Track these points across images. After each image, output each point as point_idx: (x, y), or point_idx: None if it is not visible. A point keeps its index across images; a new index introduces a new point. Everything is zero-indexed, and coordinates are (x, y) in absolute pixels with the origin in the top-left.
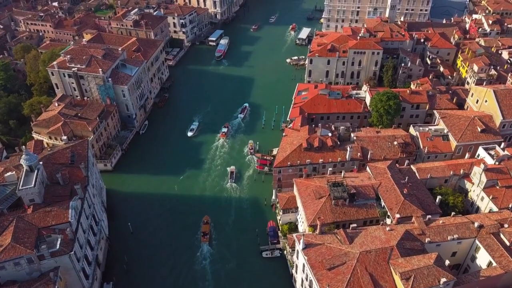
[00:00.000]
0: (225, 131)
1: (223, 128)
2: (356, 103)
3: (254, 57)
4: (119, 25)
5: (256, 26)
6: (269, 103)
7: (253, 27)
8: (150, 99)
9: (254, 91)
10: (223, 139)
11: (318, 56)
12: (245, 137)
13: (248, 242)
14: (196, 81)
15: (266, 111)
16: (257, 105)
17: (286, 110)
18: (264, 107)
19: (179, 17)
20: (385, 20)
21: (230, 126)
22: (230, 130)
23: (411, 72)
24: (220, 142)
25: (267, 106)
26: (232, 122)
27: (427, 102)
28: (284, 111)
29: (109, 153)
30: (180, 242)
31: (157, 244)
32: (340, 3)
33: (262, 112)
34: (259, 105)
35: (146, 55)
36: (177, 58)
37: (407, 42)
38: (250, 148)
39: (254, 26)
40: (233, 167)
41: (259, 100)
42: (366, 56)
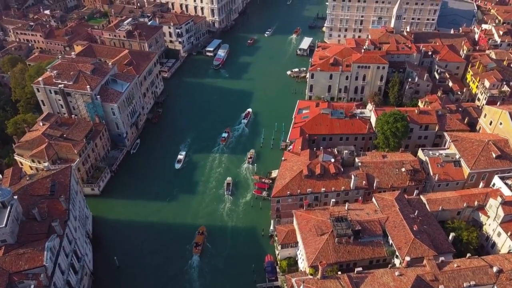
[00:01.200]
0: (226, 136)
1: (223, 133)
2: (361, 124)
3: (254, 68)
4: (111, 36)
5: (252, 41)
6: (268, 119)
7: (249, 41)
8: (143, 115)
9: (252, 106)
10: (223, 144)
11: (320, 70)
12: (248, 143)
13: (242, 275)
14: (192, 94)
15: (265, 128)
16: (255, 122)
17: (286, 127)
18: (262, 123)
19: (175, 26)
20: (391, 31)
21: (233, 131)
22: (230, 136)
23: (419, 87)
24: (220, 149)
25: (266, 123)
26: (235, 128)
27: (437, 123)
28: (283, 128)
29: (96, 176)
30: (170, 271)
31: (145, 276)
32: (343, 12)
33: (260, 130)
34: (257, 122)
35: (139, 69)
36: (173, 69)
37: (414, 55)
38: (249, 157)
39: (250, 41)
40: (230, 178)
41: (258, 116)
42: (370, 70)
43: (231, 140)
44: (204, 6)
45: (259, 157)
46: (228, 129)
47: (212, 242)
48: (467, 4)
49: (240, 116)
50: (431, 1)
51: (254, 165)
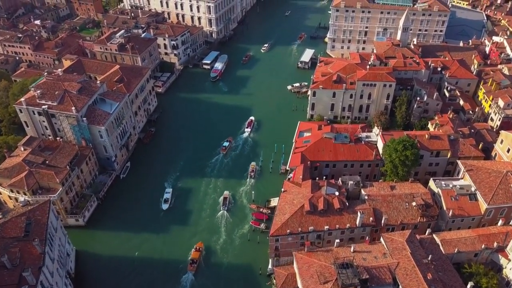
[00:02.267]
0: (227, 145)
1: (224, 142)
2: (367, 150)
3: (253, 81)
4: (102, 49)
5: (247, 57)
6: (267, 139)
7: (244, 58)
8: (134, 135)
9: (245, 142)
10: (222, 154)
11: (322, 88)
12: (251, 152)
13: None
14: (187, 111)
15: (263, 150)
16: (254, 142)
17: (286, 149)
18: (261, 144)
19: (170, 38)
20: (397, 44)
21: (235, 140)
22: (232, 144)
23: (428, 106)
24: (218, 162)
25: (265, 143)
26: (239, 137)
27: (449, 149)
28: (284, 149)
29: (82, 206)
30: None
31: None
32: (347, 22)
33: (259, 152)
34: (256, 142)
35: (130, 86)
36: (167, 84)
37: (422, 71)
38: (251, 171)
39: (245, 57)
40: (227, 192)
41: (256, 136)
42: (376, 88)
43: (233, 147)
44: (201, 16)
45: (257, 182)
46: (230, 138)
47: (205, 279)
48: (476, 14)
49: (241, 127)
50: (439, 12)
51: (255, 179)
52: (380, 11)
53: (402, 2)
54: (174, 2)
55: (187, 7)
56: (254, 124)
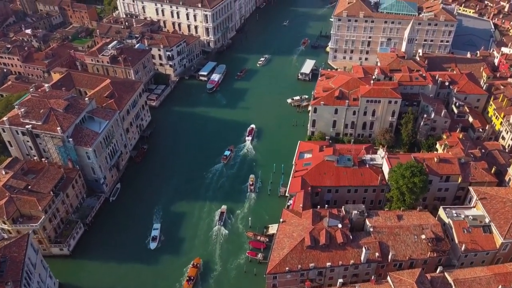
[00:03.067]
0: (228, 154)
1: (226, 151)
2: (371, 174)
3: (251, 93)
4: (94, 61)
5: (242, 73)
6: (265, 158)
7: (238, 74)
8: (126, 153)
9: (245, 152)
10: (223, 163)
11: (324, 104)
12: (251, 163)
13: None
14: (182, 126)
15: (261, 170)
16: (253, 155)
17: (286, 168)
18: (259, 163)
19: (165, 49)
20: (402, 56)
21: (236, 149)
22: (233, 153)
23: (435, 124)
24: (219, 169)
25: (263, 162)
26: (238, 147)
27: (459, 174)
28: (283, 169)
29: (66, 234)
30: None
31: None
32: (349, 32)
33: (257, 173)
34: (255, 157)
35: (121, 102)
36: (162, 97)
37: (429, 87)
38: (251, 184)
39: (240, 73)
40: (224, 207)
41: (254, 153)
42: (381, 105)
43: (234, 157)
44: (198, 24)
45: (255, 205)
46: (231, 147)
47: None
48: (484, 23)
49: (238, 142)
50: (445, 22)
51: (257, 192)
52: (384, 21)
53: (407, 11)
54: (170, 11)
55: (183, 15)
56: (254, 132)
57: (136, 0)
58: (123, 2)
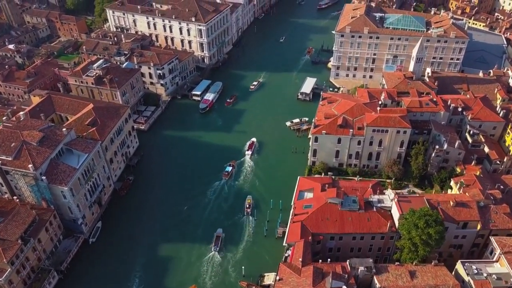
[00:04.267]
0: (229, 170)
1: (227, 167)
2: (379, 219)
3: (247, 114)
4: (78, 82)
5: (232, 99)
6: (262, 192)
7: (228, 100)
8: (109, 186)
9: (244, 171)
10: (225, 180)
11: (326, 133)
12: (254, 178)
13: None
14: (172, 151)
15: (258, 207)
16: (245, 194)
17: (284, 204)
18: (255, 198)
19: (155, 67)
20: (409, 76)
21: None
22: (235, 169)
23: (448, 155)
24: (220, 185)
25: (260, 197)
26: (238, 162)
27: (479, 220)
28: (281, 206)
29: (37, 287)
30: None
31: None
32: (352, 49)
33: (252, 211)
34: (253, 183)
35: (104, 130)
36: (152, 119)
37: (441, 114)
38: (247, 207)
39: (229, 99)
40: (220, 230)
41: (250, 185)
42: (389, 135)
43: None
44: (192, 39)
45: (249, 249)
46: (233, 162)
47: None
48: (495, 37)
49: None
50: (456, 39)
51: (254, 217)
52: (390, 37)
53: (414, 27)
54: (162, 25)
55: (176, 29)
56: (255, 146)
57: (126, 13)
58: (113, 15)
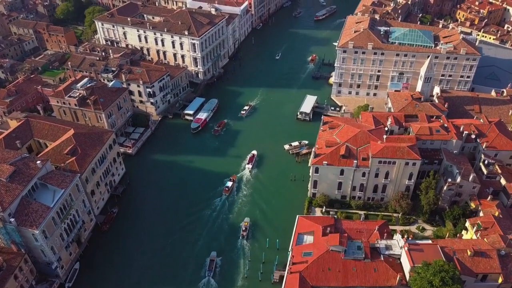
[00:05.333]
0: (230, 185)
1: (227, 182)
2: (387, 270)
3: (244, 135)
4: (60, 103)
5: (220, 127)
6: (258, 229)
7: (216, 128)
8: (90, 221)
9: (237, 203)
10: (225, 196)
11: (327, 164)
12: (251, 205)
13: None
14: (162, 177)
15: (252, 245)
16: (238, 230)
17: (282, 243)
18: (249, 236)
19: (145, 85)
20: (417, 97)
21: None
22: (235, 183)
23: (461, 189)
24: (220, 202)
25: (255, 234)
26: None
27: (500, 272)
28: (278, 245)
29: None
30: None
31: None
32: (356, 65)
33: (245, 253)
34: (241, 230)
35: (85, 160)
36: (140, 142)
37: (453, 142)
38: (244, 230)
39: (217, 127)
40: (214, 254)
41: (247, 209)
42: (396, 167)
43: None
44: (185, 54)
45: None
46: (233, 177)
47: None
48: (507, 52)
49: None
50: (467, 55)
51: (249, 241)
52: (396, 53)
53: (421, 42)
54: (153, 38)
55: (168, 43)
56: (256, 159)
57: (116, 25)
58: (102, 27)
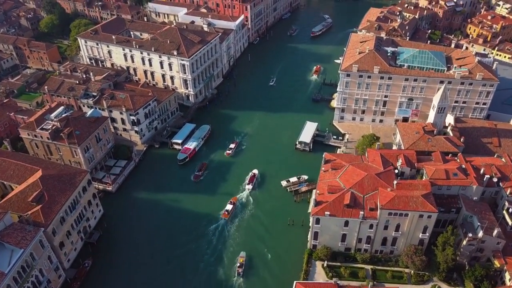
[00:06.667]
0: (230, 209)
1: (228, 205)
2: None
3: (236, 167)
4: (31, 136)
5: (201, 172)
6: (251, 283)
7: (196, 173)
8: (58, 277)
9: (230, 253)
10: (225, 220)
11: (330, 215)
12: (247, 240)
13: None
14: (145, 218)
15: (251, 267)
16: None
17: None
18: (248, 254)
19: (128, 112)
20: (430, 130)
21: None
22: (236, 207)
23: (483, 244)
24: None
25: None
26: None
27: None
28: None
29: None
30: None
31: None
32: (360, 90)
33: (244, 271)
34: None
35: (52, 209)
36: (122, 177)
37: (473, 188)
38: (239, 266)
39: (198, 172)
40: None
41: (235, 274)
42: (409, 219)
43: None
44: (174, 75)
45: None
46: (234, 199)
47: None
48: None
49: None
50: (483, 81)
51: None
52: (405, 78)
53: (433, 65)
54: (140, 57)
55: (156, 63)
56: (257, 178)
57: (100, 43)
58: (85, 44)
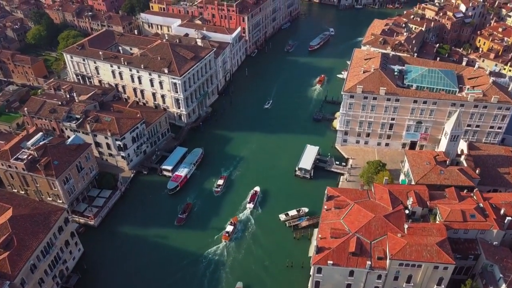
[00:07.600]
0: (230, 230)
1: (228, 226)
2: None
3: (229, 201)
4: (5, 166)
5: (185, 214)
6: None
7: (180, 216)
8: None
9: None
10: (225, 243)
11: (333, 264)
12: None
13: None
14: (130, 258)
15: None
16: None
17: None
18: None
19: (113, 137)
20: (442, 161)
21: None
22: (237, 228)
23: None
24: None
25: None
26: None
27: None
28: None
29: None
30: None
31: None
32: (365, 112)
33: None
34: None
35: (22, 256)
36: (106, 209)
37: (493, 232)
38: None
39: (181, 215)
40: None
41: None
42: (422, 271)
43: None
44: (165, 93)
45: None
46: (235, 219)
47: None
48: None
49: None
50: (499, 104)
51: None
52: (413, 100)
53: (443, 86)
54: (129, 74)
55: (146, 81)
56: (258, 197)
57: (87, 59)
58: (71, 60)
